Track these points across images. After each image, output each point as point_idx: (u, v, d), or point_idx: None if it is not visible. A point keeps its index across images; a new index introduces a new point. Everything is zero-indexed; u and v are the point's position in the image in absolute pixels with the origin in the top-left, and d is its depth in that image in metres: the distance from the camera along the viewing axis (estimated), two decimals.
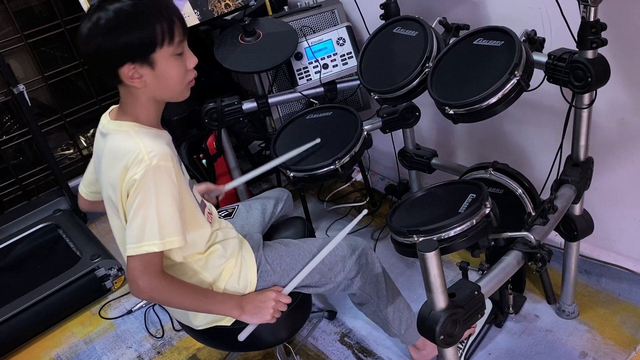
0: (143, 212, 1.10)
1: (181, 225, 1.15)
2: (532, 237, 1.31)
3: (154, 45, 1.09)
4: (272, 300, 1.32)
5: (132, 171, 1.10)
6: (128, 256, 1.13)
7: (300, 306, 1.45)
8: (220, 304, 1.29)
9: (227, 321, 1.36)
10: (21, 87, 2.29)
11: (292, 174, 1.63)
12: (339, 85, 2.09)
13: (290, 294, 1.43)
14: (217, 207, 1.69)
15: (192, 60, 1.17)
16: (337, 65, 2.08)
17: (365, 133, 1.67)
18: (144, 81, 1.13)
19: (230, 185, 1.63)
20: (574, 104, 1.41)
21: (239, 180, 1.66)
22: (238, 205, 1.64)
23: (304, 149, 1.62)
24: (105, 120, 1.22)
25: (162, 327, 2.06)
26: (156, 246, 1.11)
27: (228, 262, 1.35)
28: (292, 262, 1.41)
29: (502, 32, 1.37)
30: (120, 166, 1.12)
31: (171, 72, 1.13)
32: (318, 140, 1.64)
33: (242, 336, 1.33)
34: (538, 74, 1.37)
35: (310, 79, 2.07)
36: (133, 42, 1.07)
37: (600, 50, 1.30)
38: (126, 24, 1.06)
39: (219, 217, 1.52)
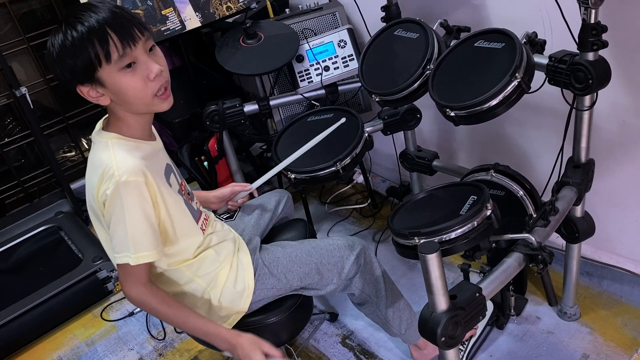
0: (121, 227, 1.14)
1: (155, 239, 1.17)
2: (533, 239, 1.31)
3: (94, 67, 1.09)
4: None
5: (104, 185, 1.13)
6: (116, 264, 1.19)
7: (302, 308, 1.45)
8: (208, 335, 1.27)
9: (229, 324, 1.36)
10: (23, 89, 2.30)
11: (293, 176, 1.62)
12: (340, 88, 2.09)
13: (292, 296, 1.43)
14: (216, 210, 1.69)
15: (152, 69, 1.13)
16: (338, 67, 2.08)
17: (367, 135, 1.67)
18: (107, 98, 1.15)
19: (256, 184, 1.58)
20: (575, 106, 1.41)
21: (266, 176, 1.58)
22: (239, 208, 1.64)
23: (331, 130, 1.58)
24: (96, 128, 1.24)
25: (163, 329, 2.06)
26: (131, 260, 1.15)
27: (222, 267, 1.35)
28: (290, 264, 1.41)
29: (503, 34, 1.37)
30: (97, 177, 1.15)
31: (124, 86, 1.12)
32: (344, 120, 1.62)
33: None
34: (539, 76, 1.37)
35: (312, 81, 2.08)
36: (75, 67, 1.09)
37: (601, 52, 1.30)
38: (64, 52, 1.09)
39: (220, 220, 1.53)
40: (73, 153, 2.89)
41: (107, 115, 1.24)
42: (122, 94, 1.13)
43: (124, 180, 1.11)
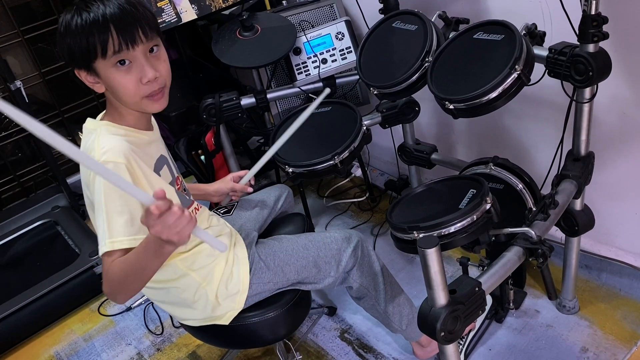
0: (99, 213, 1.09)
1: (132, 225, 1.09)
2: (533, 232, 1.30)
3: (90, 56, 1.09)
4: (160, 227, 0.96)
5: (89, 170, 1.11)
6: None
7: (300, 303, 1.45)
8: (147, 252, 1.04)
9: (225, 320, 1.35)
10: (18, 83, 2.28)
11: (291, 170, 1.61)
12: (338, 80, 2.07)
13: (290, 291, 1.42)
14: (216, 204, 1.68)
15: (146, 74, 1.12)
16: (336, 60, 2.06)
17: (365, 128, 1.66)
18: (102, 86, 1.15)
19: (245, 179, 1.56)
20: (574, 98, 1.40)
21: (259, 164, 1.52)
22: (237, 202, 1.63)
23: (316, 104, 1.46)
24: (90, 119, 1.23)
25: (161, 323, 2.05)
26: (106, 246, 1.08)
27: (218, 261, 1.33)
28: (286, 257, 1.41)
29: (502, 26, 1.36)
30: None
31: (116, 83, 1.12)
32: (328, 91, 1.52)
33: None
34: (539, 68, 1.36)
35: (309, 74, 2.06)
36: (73, 50, 1.10)
37: (602, 44, 1.29)
38: (67, 33, 1.09)
39: (217, 215, 1.52)
40: None
41: (105, 111, 1.24)
42: (113, 89, 1.14)
43: (103, 160, 1.09)
